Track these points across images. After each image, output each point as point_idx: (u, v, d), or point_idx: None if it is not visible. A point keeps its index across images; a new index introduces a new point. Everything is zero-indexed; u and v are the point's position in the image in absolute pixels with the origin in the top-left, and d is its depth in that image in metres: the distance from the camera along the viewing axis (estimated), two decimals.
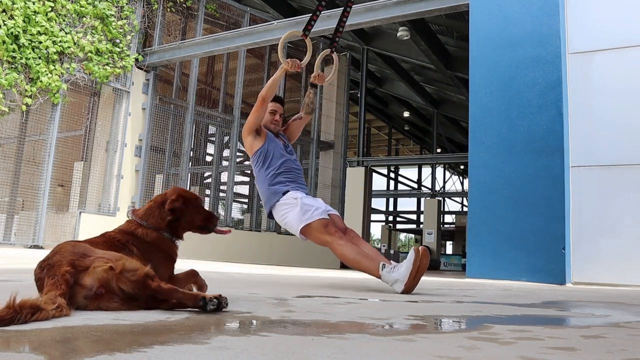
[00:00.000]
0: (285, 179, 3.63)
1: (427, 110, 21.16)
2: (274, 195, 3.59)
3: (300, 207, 3.45)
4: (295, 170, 3.72)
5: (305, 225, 3.43)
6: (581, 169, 5.90)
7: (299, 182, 3.69)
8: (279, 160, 3.66)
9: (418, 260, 3.07)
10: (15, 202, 9.46)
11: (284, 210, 3.54)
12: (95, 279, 1.64)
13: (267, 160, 3.66)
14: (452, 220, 30.07)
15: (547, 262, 5.77)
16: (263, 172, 3.66)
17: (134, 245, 2.00)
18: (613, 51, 6.04)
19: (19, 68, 8.54)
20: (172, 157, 11.20)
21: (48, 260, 1.70)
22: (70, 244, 1.77)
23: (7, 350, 1.06)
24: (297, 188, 3.62)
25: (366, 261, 3.29)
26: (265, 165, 3.65)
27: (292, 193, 3.55)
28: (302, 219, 3.43)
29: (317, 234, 3.43)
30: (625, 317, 2.24)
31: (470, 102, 6.65)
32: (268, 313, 1.87)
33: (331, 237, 3.39)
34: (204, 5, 11.36)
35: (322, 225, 3.41)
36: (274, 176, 3.62)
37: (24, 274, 3.30)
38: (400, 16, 7.81)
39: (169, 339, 1.24)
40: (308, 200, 3.52)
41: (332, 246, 3.39)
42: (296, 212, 3.46)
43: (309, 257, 12.60)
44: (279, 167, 3.64)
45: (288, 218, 3.53)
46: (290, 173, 3.67)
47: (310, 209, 3.44)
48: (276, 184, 3.60)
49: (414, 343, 1.35)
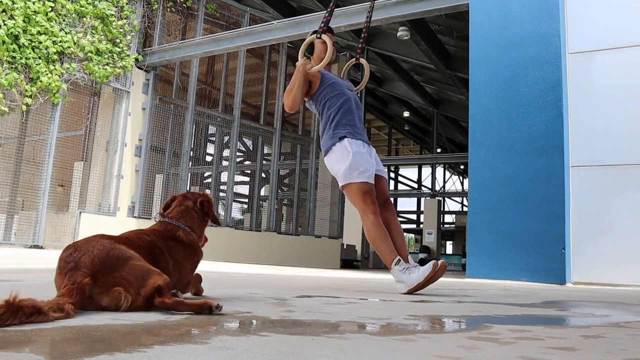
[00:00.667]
0: (346, 121, 3.45)
1: (427, 110, 21.16)
2: (332, 138, 3.43)
3: (349, 162, 3.31)
4: (356, 111, 3.54)
5: (347, 183, 3.35)
6: (581, 169, 5.90)
7: (358, 126, 3.50)
8: (340, 99, 3.50)
9: (432, 274, 3.04)
10: (15, 202, 9.46)
11: (335, 159, 3.41)
12: (111, 301, 1.63)
13: (327, 99, 3.51)
14: (452, 220, 30.07)
15: (547, 262, 5.77)
16: (325, 113, 3.51)
17: (171, 252, 2.00)
18: (613, 51, 6.04)
19: (19, 68, 8.54)
20: (172, 157, 11.20)
21: (77, 254, 1.65)
22: (106, 247, 1.68)
23: (7, 350, 1.06)
24: (355, 134, 3.44)
25: (385, 248, 3.23)
26: (326, 105, 3.51)
27: (349, 141, 3.39)
28: (347, 176, 3.33)
29: (354, 198, 3.34)
30: (625, 317, 2.23)
31: (470, 102, 6.65)
32: (268, 313, 1.87)
33: (366, 206, 3.28)
34: (204, 5, 11.36)
35: (362, 190, 3.30)
36: (336, 117, 3.45)
37: (24, 274, 3.30)
38: (400, 16, 7.81)
39: (169, 339, 1.24)
40: (360, 157, 3.35)
41: (362, 215, 3.31)
42: (345, 165, 3.34)
43: (309, 257, 12.60)
44: (340, 105, 3.48)
45: (335, 167, 3.42)
46: (351, 115, 3.49)
47: (358, 169, 3.31)
48: (337, 126, 3.44)
49: (414, 343, 1.35)
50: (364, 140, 3.48)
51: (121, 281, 1.64)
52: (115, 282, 1.63)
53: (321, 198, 13.82)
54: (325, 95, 3.50)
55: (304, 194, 13.79)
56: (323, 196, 13.87)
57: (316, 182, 13.64)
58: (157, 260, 1.90)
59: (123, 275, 1.65)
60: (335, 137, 3.41)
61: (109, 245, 1.70)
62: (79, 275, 1.58)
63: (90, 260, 1.62)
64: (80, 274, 1.59)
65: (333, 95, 3.50)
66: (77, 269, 1.60)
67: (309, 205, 13.48)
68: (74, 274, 1.59)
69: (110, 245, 1.70)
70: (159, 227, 2.07)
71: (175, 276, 2.00)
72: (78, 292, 1.56)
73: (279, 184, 14.41)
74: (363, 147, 3.44)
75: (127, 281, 1.64)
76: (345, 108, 3.48)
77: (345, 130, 3.42)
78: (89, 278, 1.59)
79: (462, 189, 29.83)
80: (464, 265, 10.84)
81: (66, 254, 1.67)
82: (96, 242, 1.70)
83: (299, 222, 13.74)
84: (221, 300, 2.21)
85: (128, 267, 1.67)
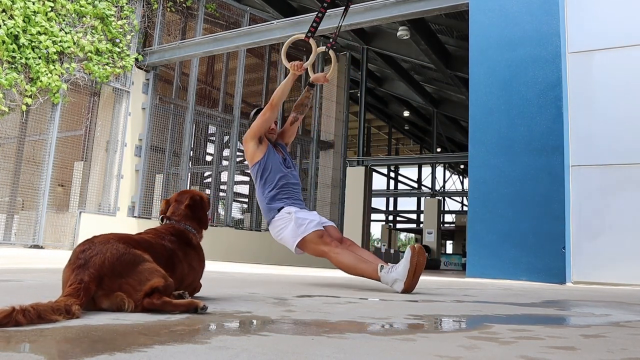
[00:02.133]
0: (282, 195, 3.64)
1: (427, 110, 21.16)
2: (270, 212, 3.62)
3: (294, 221, 3.47)
4: (292, 185, 3.73)
5: (301, 239, 3.44)
6: (581, 169, 5.90)
7: (295, 197, 3.70)
8: (277, 175, 3.67)
9: (415, 257, 3.07)
10: (15, 202, 9.46)
11: (280, 227, 3.56)
12: (111, 305, 1.64)
13: (265, 174, 3.67)
14: (452, 220, 30.09)
15: (547, 262, 5.77)
16: (261, 187, 3.69)
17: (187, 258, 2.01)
18: (613, 50, 6.04)
19: (19, 68, 8.54)
20: (172, 157, 11.20)
21: (90, 252, 1.65)
22: (120, 251, 1.68)
23: (7, 350, 1.06)
24: (293, 203, 3.62)
25: (364, 265, 3.29)
26: (263, 179, 3.67)
27: (287, 208, 3.57)
28: (297, 232, 3.45)
29: (313, 246, 3.45)
30: (625, 317, 2.23)
31: (470, 102, 6.65)
32: (268, 313, 1.87)
33: (328, 247, 3.40)
34: (203, 5, 11.36)
35: (318, 236, 3.43)
36: (271, 192, 3.63)
37: (24, 274, 3.29)
38: (400, 16, 7.81)
39: (169, 339, 1.23)
40: (302, 214, 3.54)
41: (329, 255, 3.40)
42: (291, 227, 3.48)
43: (309, 257, 12.57)
44: (276, 182, 3.65)
45: (283, 234, 3.54)
46: (287, 188, 3.68)
47: (305, 222, 3.46)
48: (273, 201, 3.62)
49: (414, 343, 1.35)
50: (301, 207, 3.67)
51: (125, 287, 1.65)
52: (120, 287, 1.64)
53: (321, 198, 13.82)
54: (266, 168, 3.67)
55: (304, 194, 13.77)
56: (323, 196, 13.87)
57: (316, 182, 13.63)
58: (175, 267, 1.93)
59: (129, 281, 1.66)
60: (273, 210, 3.60)
61: (123, 249, 1.70)
62: (86, 275, 1.59)
63: (100, 261, 1.63)
64: (87, 273, 1.60)
65: (273, 171, 3.68)
66: (85, 268, 1.61)
67: (309, 205, 13.47)
68: (81, 272, 1.60)
69: (124, 250, 1.70)
70: (173, 230, 2.06)
71: (189, 279, 2.04)
72: (85, 293, 1.57)
73: None
74: (302, 209, 3.63)
75: (131, 287, 1.65)
76: (283, 185, 3.67)
77: (282, 202, 3.61)
78: (95, 279, 1.60)
79: (462, 188, 29.83)
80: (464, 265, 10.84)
81: (80, 249, 1.68)
82: (111, 245, 1.69)
83: None
84: (221, 300, 2.21)
85: (136, 272, 1.67)
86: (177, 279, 1.89)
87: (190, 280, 2.05)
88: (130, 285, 1.65)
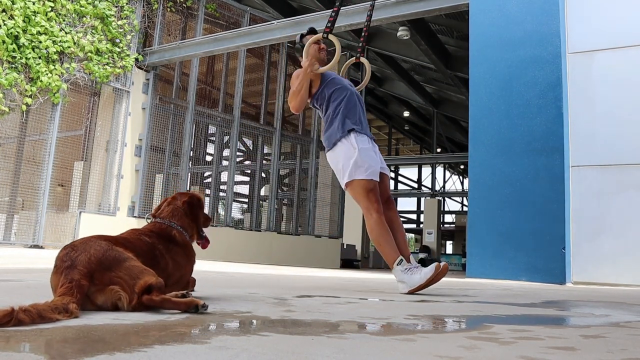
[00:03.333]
0: (351, 115, 3.39)
1: (427, 110, 21.15)
2: (339, 130, 3.36)
3: (355, 159, 3.27)
4: (360, 105, 3.49)
5: (351, 180, 3.29)
6: (581, 169, 5.90)
7: (363, 121, 3.45)
8: (344, 92, 3.44)
9: (434, 276, 3.04)
10: (15, 202, 9.46)
11: (340, 154, 3.34)
12: (106, 300, 1.64)
13: (331, 92, 3.45)
14: (452, 220, 30.06)
15: (547, 262, 5.77)
16: (330, 106, 3.45)
17: (170, 253, 2.01)
18: (613, 51, 6.04)
19: (19, 68, 8.54)
20: (172, 157, 11.20)
21: (74, 253, 1.65)
22: (103, 247, 1.69)
23: (7, 350, 1.06)
24: (362, 130, 3.39)
25: (388, 247, 3.20)
26: (330, 99, 3.44)
27: (355, 136, 3.33)
28: (352, 172, 3.26)
29: (358, 194, 3.29)
30: (625, 317, 2.23)
31: (470, 102, 6.65)
32: (268, 313, 1.87)
33: (370, 204, 3.24)
34: (204, 5, 11.36)
35: (367, 188, 3.25)
36: (342, 109, 3.39)
37: (24, 274, 3.29)
38: (400, 16, 7.81)
39: (169, 339, 1.23)
40: (365, 155, 3.30)
41: (366, 213, 3.27)
42: (350, 162, 3.27)
43: (309, 257, 12.60)
44: (344, 99, 3.42)
45: (340, 163, 3.35)
46: (356, 109, 3.44)
47: (364, 165, 3.26)
48: (345, 118, 3.37)
49: (414, 343, 1.35)
50: (369, 136, 3.44)
51: (117, 280, 1.64)
52: (111, 280, 1.64)
53: (321, 198, 13.82)
54: (327, 91, 3.46)
55: (304, 193, 13.79)
56: (323, 196, 13.87)
57: (316, 182, 13.63)
58: (157, 261, 1.92)
59: (119, 274, 1.65)
60: (341, 130, 3.35)
61: (106, 246, 1.72)
62: (76, 273, 1.59)
63: (86, 258, 1.63)
64: (76, 271, 1.59)
65: (335, 89, 3.46)
66: (73, 267, 1.60)
67: (309, 205, 13.48)
68: (70, 272, 1.59)
69: (107, 246, 1.71)
70: (154, 227, 2.07)
71: (175, 276, 2.02)
72: (78, 290, 1.56)
73: (279, 183, 14.41)
74: (369, 143, 3.39)
75: (123, 280, 1.65)
76: (349, 102, 3.43)
77: (352, 123, 3.37)
78: (85, 276, 1.60)
79: (462, 188, 29.82)
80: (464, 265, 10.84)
81: (63, 253, 1.68)
82: (93, 242, 1.71)
83: (299, 222, 13.74)
84: (221, 300, 2.21)
85: (124, 267, 1.67)
86: (162, 272, 1.88)
87: (177, 276, 2.04)
88: (122, 279, 1.65)
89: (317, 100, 3.52)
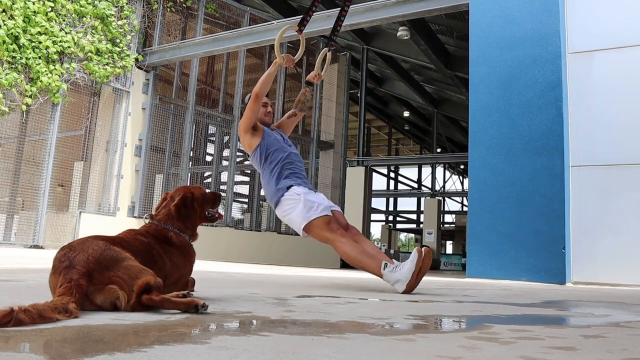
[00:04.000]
0: (288, 172, 3.58)
1: (427, 110, 21.17)
2: (278, 191, 3.54)
3: (303, 203, 3.41)
4: (297, 163, 3.68)
5: (308, 222, 3.40)
6: (581, 169, 5.90)
7: (301, 175, 3.64)
8: (280, 154, 3.62)
9: (421, 260, 3.07)
10: (15, 202, 9.45)
11: (288, 207, 3.50)
12: (105, 299, 1.64)
13: (268, 154, 3.61)
14: (452, 220, 30.08)
15: (547, 262, 5.77)
16: (267, 168, 3.61)
17: (167, 254, 2.01)
18: (613, 51, 6.04)
19: (19, 68, 8.54)
20: (172, 157, 11.20)
21: (72, 253, 1.65)
22: (101, 247, 1.70)
23: (7, 350, 1.06)
24: (301, 183, 3.57)
25: (368, 260, 3.27)
26: (267, 160, 3.61)
27: (296, 188, 3.51)
28: (306, 215, 3.40)
29: (320, 231, 3.40)
30: (625, 317, 2.23)
31: (470, 102, 6.65)
32: (268, 313, 1.87)
33: (333, 235, 3.36)
34: (204, 5, 11.36)
35: (325, 222, 3.38)
36: (277, 170, 3.57)
37: (24, 274, 3.29)
38: (400, 16, 7.81)
39: (169, 339, 1.23)
40: (311, 196, 3.48)
41: (334, 244, 3.36)
42: (299, 208, 3.43)
43: (309, 257, 12.60)
44: (281, 160, 3.59)
45: (291, 215, 3.49)
46: (293, 165, 3.62)
47: (314, 206, 3.41)
48: (280, 179, 3.55)
49: (414, 343, 1.35)
50: (308, 187, 3.60)
51: (116, 279, 1.64)
52: (110, 280, 1.64)
53: None
54: (267, 149, 3.61)
55: None
56: None
57: (316, 182, 13.62)
58: (155, 260, 1.91)
59: (118, 274, 1.65)
60: (280, 188, 3.53)
61: (104, 245, 1.72)
62: (74, 273, 1.59)
63: (84, 258, 1.63)
64: (75, 271, 1.59)
65: (274, 150, 3.62)
66: (71, 267, 1.60)
67: None
68: (69, 272, 1.59)
69: (104, 246, 1.72)
70: (150, 228, 2.07)
71: (173, 276, 2.02)
72: (77, 290, 1.56)
73: None
74: (310, 190, 3.56)
75: (122, 279, 1.65)
76: (287, 162, 3.60)
77: (289, 180, 3.55)
78: (84, 275, 1.59)
79: (462, 188, 29.84)
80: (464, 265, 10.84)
81: (61, 254, 1.68)
82: (91, 242, 1.72)
83: None
84: (221, 300, 2.21)
85: (122, 267, 1.67)
86: (159, 271, 1.88)
87: (176, 276, 2.03)
88: (121, 278, 1.65)
89: (258, 154, 3.63)
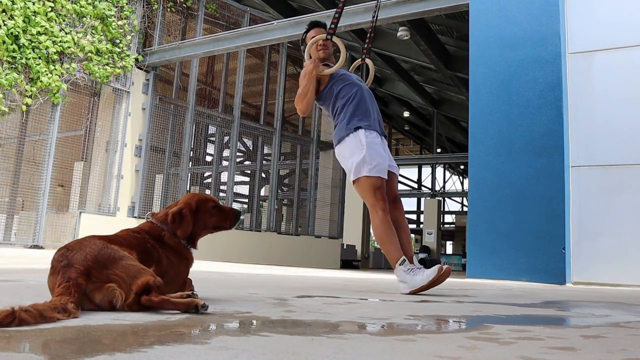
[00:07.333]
0: (360, 111, 3.34)
1: (427, 110, 21.15)
2: (344, 129, 3.32)
3: (362, 157, 3.22)
4: (370, 101, 3.42)
5: (358, 177, 3.26)
6: (581, 169, 5.90)
7: (372, 116, 3.39)
8: (352, 89, 3.39)
9: (436, 278, 3.02)
10: (15, 202, 9.45)
11: (347, 151, 3.31)
12: (104, 298, 1.64)
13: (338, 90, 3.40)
14: (452, 220, 30.06)
15: (547, 262, 5.77)
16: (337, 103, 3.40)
17: (162, 248, 2.00)
18: (613, 51, 6.04)
19: (19, 68, 8.54)
20: (172, 157, 11.20)
21: (70, 252, 1.66)
22: (99, 246, 1.70)
23: (7, 350, 1.06)
24: (370, 126, 3.32)
25: (391, 246, 3.18)
26: (339, 96, 3.39)
27: (363, 133, 3.27)
28: (359, 170, 3.24)
29: (364, 192, 3.26)
30: (625, 317, 2.23)
31: (470, 102, 6.65)
32: (268, 313, 1.87)
33: (376, 202, 3.21)
34: (204, 5, 11.36)
35: (373, 186, 3.21)
36: (347, 106, 3.35)
37: (24, 274, 3.29)
38: (400, 16, 7.81)
39: (168, 339, 1.23)
40: (373, 151, 3.25)
41: (371, 210, 3.24)
42: (356, 159, 3.24)
43: (309, 257, 12.60)
44: (351, 97, 3.37)
45: (347, 161, 3.33)
46: (364, 104, 3.37)
47: (371, 163, 3.21)
48: (349, 116, 3.33)
49: (414, 343, 1.35)
50: (378, 132, 3.37)
51: (114, 278, 1.64)
52: (108, 278, 1.64)
53: (321, 198, 13.82)
54: (336, 87, 3.42)
55: (304, 194, 13.79)
56: (323, 196, 13.86)
57: (316, 182, 13.63)
58: (150, 253, 1.91)
59: (116, 272, 1.65)
60: (349, 127, 3.31)
61: (101, 244, 1.72)
62: (73, 272, 1.59)
63: (83, 257, 1.63)
64: (73, 270, 1.59)
65: (344, 85, 3.42)
66: (70, 266, 1.61)
67: (309, 205, 13.47)
68: (67, 271, 1.59)
69: (102, 245, 1.72)
70: (144, 226, 2.08)
71: (169, 274, 2.01)
72: (76, 289, 1.56)
73: (279, 184, 14.40)
74: (377, 138, 3.34)
75: (120, 278, 1.65)
76: (358, 98, 3.38)
77: (360, 120, 3.32)
78: (82, 274, 1.59)
79: (462, 189, 29.82)
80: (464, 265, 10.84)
81: (58, 254, 1.68)
82: (88, 242, 1.72)
83: (299, 222, 13.74)
84: (221, 300, 2.21)
85: (121, 265, 1.67)
86: (156, 265, 1.88)
87: (172, 275, 2.02)
88: (119, 277, 1.65)
89: (325, 99, 3.48)
